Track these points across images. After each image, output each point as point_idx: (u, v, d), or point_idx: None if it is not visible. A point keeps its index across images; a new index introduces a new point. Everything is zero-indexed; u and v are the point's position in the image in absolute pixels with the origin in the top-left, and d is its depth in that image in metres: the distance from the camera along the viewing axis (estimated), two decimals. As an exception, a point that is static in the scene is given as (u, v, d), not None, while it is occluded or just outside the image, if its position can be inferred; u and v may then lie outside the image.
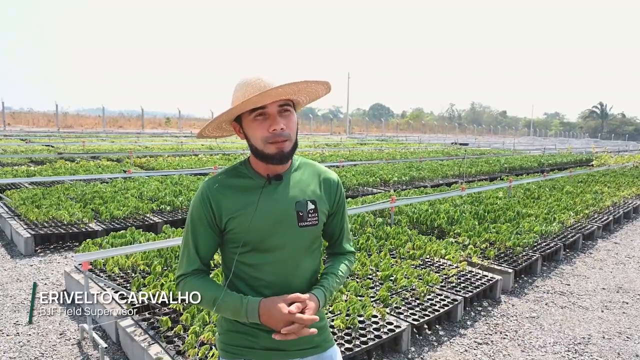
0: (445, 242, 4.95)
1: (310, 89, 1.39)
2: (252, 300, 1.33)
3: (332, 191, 1.50)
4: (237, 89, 1.35)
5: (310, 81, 1.32)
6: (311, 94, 1.44)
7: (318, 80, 1.34)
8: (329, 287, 1.44)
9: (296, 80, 1.27)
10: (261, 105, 1.31)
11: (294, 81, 1.27)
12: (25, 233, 5.32)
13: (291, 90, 1.32)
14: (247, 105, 1.30)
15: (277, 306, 1.29)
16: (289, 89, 1.30)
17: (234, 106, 1.31)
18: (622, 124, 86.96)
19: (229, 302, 1.34)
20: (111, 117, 47.27)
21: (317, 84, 1.36)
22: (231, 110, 1.33)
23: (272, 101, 1.31)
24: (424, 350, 3.30)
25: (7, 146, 16.27)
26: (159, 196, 7.09)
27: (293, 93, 1.36)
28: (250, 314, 1.31)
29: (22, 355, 3.11)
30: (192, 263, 1.41)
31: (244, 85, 1.33)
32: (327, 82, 1.38)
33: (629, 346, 3.48)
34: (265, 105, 1.32)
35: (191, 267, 1.40)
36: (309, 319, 1.29)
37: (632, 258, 5.81)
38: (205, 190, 1.40)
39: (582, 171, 12.17)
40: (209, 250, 1.42)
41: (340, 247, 1.58)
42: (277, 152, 1.34)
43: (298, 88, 1.34)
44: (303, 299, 1.33)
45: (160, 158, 14.05)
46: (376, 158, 15.97)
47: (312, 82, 1.34)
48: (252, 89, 1.30)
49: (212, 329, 2.76)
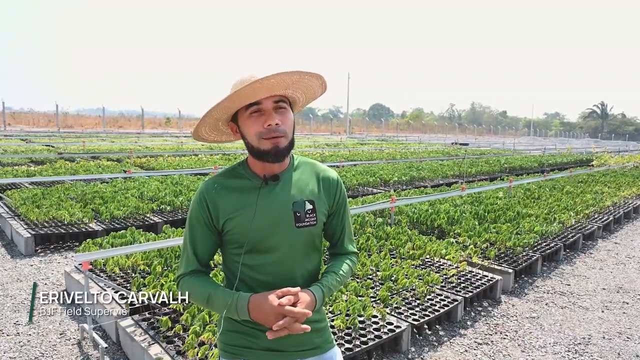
0: (445, 242, 4.95)
1: (304, 83, 1.37)
2: (243, 295, 1.31)
3: (331, 190, 1.49)
4: (232, 87, 1.35)
5: (303, 72, 1.30)
6: (307, 91, 1.43)
7: (311, 73, 1.32)
8: (328, 285, 1.41)
9: (287, 70, 1.26)
10: (256, 101, 1.31)
11: (285, 71, 1.26)
12: (25, 233, 5.33)
13: (284, 82, 1.31)
14: (240, 98, 1.29)
15: (267, 298, 1.27)
16: (281, 80, 1.29)
17: (226, 97, 1.29)
18: (623, 124, 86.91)
19: (220, 298, 1.33)
20: (111, 117, 47.28)
21: (311, 77, 1.35)
22: (222, 104, 1.31)
23: (266, 96, 1.31)
24: (424, 351, 3.30)
25: (8, 146, 16.28)
26: (159, 196, 7.09)
27: (287, 86, 1.35)
28: (240, 309, 1.29)
29: (23, 355, 3.11)
30: (190, 264, 1.42)
31: (239, 83, 1.33)
32: (320, 75, 1.36)
33: (630, 346, 3.47)
34: (260, 101, 1.31)
35: (189, 267, 1.42)
36: (299, 312, 1.26)
37: (633, 258, 5.81)
38: (203, 192, 1.41)
39: (583, 171, 12.16)
40: (207, 251, 1.43)
41: (341, 247, 1.56)
42: (272, 148, 1.33)
43: (291, 80, 1.32)
44: (294, 292, 1.29)
45: (160, 158, 14.05)
46: (376, 158, 15.97)
47: (305, 75, 1.32)
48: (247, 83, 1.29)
49: (212, 329, 2.76)
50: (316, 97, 1.50)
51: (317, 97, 1.50)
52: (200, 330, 2.79)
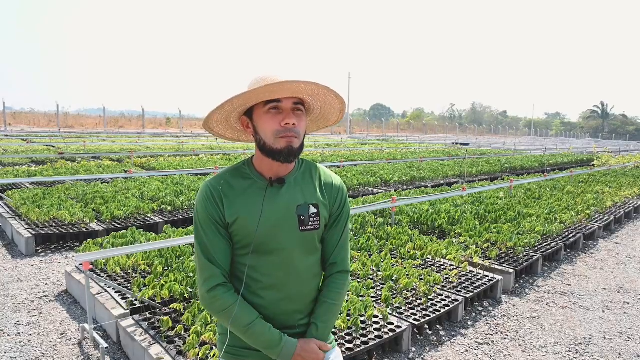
0: (446, 242, 4.94)
1: (326, 99, 1.40)
2: (290, 341, 1.37)
3: (332, 195, 1.48)
4: (253, 82, 1.33)
5: (330, 89, 1.33)
6: (325, 108, 1.46)
7: (337, 94, 1.36)
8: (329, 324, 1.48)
9: (319, 82, 1.28)
10: (277, 99, 1.31)
11: (317, 82, 1.28)
12: (26, 233, 5.33)
13: (310, 90, 1.33)
14: (264, 93, 1.28)
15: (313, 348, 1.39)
16: (308, 88, 1.31)
17: (251, 89, 1.27)
18: (623, 124, 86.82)
19: (262, 334, 1.34)
20: (112, 117, 47.30)
21: (335, 98, 1.39)
22: (248, 94, 1.28)
23: (289, 95, 1.31)
24: (425, 350, 3.30)
25: (8, 146, 16.29)
26: (159, 196, 7.09)
27: (311, 94, 1.37)
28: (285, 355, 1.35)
29: (23, 355, 3.11)
30: (215, 277, 1.35)
31: (262, 79, 1.32)
32: (343, 101, 1.41)
33: (630, 346, 3.47)
34: (281, 99, 1.31)
35: (215, 281, 1.35)
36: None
37: (633, 258, 5.80)
38: (209, 188, 1.38)
39: (583, 171, 12.14)
40: (225, 256, 1.38)
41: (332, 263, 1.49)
42: (286, 147, 1.33)
43: (318, 91, 1.34)
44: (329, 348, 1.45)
45: (161, 158, 14.06)
46: (377, 158, 15.96)
47: (332, 93, 1.36)
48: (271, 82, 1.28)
49: (213, 329, 2.76)
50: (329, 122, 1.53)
51: (330, 122, 1.53)
52: (201, 330, 2.79)
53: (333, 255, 1.49)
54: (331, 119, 1.51)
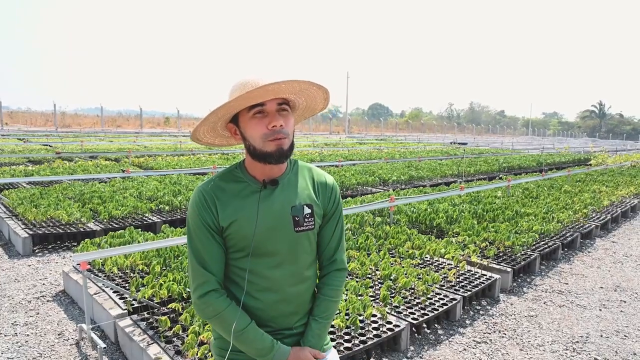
0: (444, 242, 4.95)
1: (309, 92, 1.39)
2: (283, 348, 1.37)
3: (326, 194, 1.48)
4: (235, 88, 1.33)
5: (312, 83, 1.32)
6: (310, 101, 1.44)
7: (320, 85, 1.34)
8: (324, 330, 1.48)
9: (298, 78, 1.27)
10: (260, 103, 1.30)
11: (296, 79, 1.27)
12: (23, 233, 5.31)
13: (292, 88, 1.32)
14: (246, 100, 1.28)
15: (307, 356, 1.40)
16: (290, 86, 1.30)
17: (232, 99, 1.28)
18: (620, 124, 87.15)
19: (254, 339, 1.34)
20: (109, 116, 47.17)
21: (318, 89, 1.37)
22: (230, 104, 1.29)
23: (272, 98, 1.31)
24: (423, 349, 3.30)
25: (5, 146, 16.21)
26: (157, 196, 7.08)
27: (294, 92, 1.36)
28: None
29: (20, 356, 3.10)
30: (208, 282, 1.35)
31: (243, 84, 1.31)
32: (327, 90, 1.39)
33: (627, 344, 3.48)
34: (264, 102, 1.31)
35: (208, 287, 1.34)
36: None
37: (630, 257, 5.83)
38: (202, 192, 1.37)
39: (580, 170, 12.18)
40: (218, 262, 1.37)
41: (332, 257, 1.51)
42: (276, 150, 1.32)
43: (300, 87, 1.33)
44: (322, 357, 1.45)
45: (159, 158, 14.03)
46: (375, 157, 15.96)
47: (314, 86, 1.34)
48: (252, 87, 1.28)
49: (211, 329, 2.76)
50: (315, 111, 1.52)
51: (316, 111, 1.52)
52: (200, 330, 2.79)
53: (329, 253, 1.50)
54: (317, 108, 1.50)
